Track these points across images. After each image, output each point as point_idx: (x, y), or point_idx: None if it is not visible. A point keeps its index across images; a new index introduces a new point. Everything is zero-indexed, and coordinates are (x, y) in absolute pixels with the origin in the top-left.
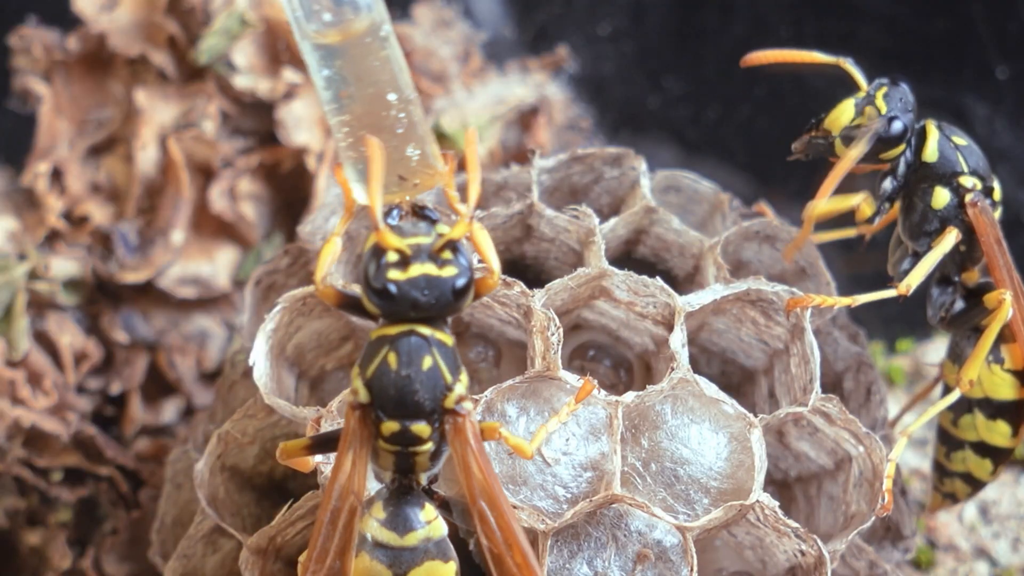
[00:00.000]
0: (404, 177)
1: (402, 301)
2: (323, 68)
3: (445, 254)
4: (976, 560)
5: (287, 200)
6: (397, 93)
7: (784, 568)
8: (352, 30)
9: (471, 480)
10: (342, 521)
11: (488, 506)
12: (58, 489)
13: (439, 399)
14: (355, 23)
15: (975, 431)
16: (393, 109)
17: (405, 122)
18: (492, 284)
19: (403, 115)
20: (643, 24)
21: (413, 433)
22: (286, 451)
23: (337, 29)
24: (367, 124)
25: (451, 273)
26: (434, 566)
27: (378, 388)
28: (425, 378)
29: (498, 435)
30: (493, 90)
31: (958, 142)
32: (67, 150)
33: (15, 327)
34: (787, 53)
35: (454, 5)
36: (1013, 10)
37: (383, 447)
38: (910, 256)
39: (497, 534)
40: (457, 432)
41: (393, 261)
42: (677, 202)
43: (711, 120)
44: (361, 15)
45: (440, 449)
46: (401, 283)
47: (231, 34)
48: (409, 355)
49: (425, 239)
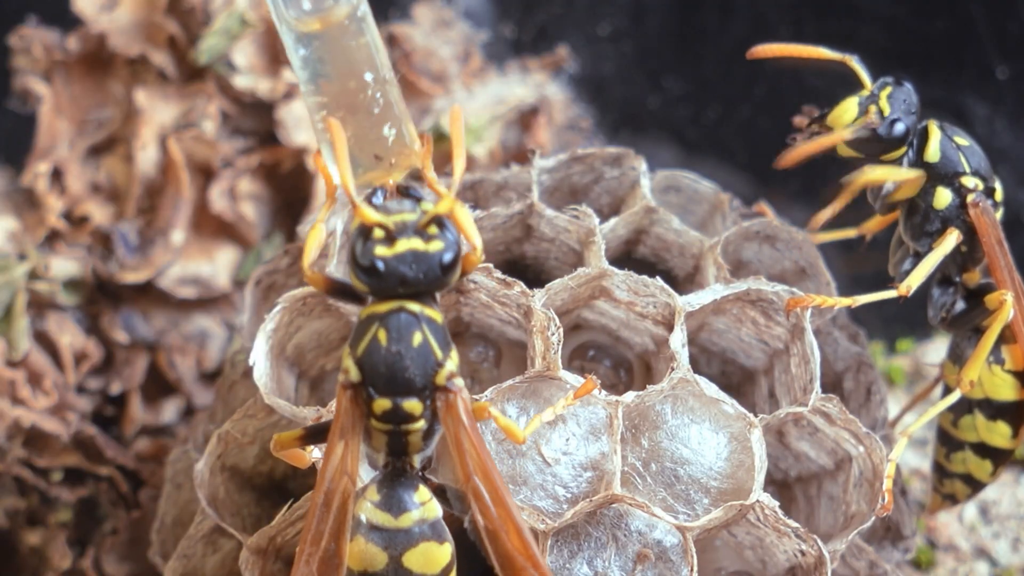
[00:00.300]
0: (379, 156)
1: (390, 277)
2: (299, 48)
3: (431, 229)
4: (976, 560)
5: (287, 200)
6: (373, 73)
7: (784, 568)
8: (332, 18)
9: (464, 457)
10: (336, 502)
11: (482, 481)
12: (58, 489)
13: (430, 375)
14: (335, 11)
15: (975, 432)
16: (369, 89)
17: (381, 102)
18: (476, 260)
19: (379, 95)
20: (643, 24)
21: (405, 411)
22: (280, 442)
23: (317, 17)
24: (343, 104)
25: (438, 247)
26: (429, 547)
27: (369, 366)
28: (416, 354)
29: (487, 414)
30: (493, 90)
31: (960, 142)
32: (67, 150)
33: (15, 327)
34: (794, 48)
35: (454, 5)
36: (1013, 10)
37: (375, 426)
38: (911, 257)
39: (492, 510)
40: (449, 408)
41: (380, 238)
42: (677, 202)
43: (711, 120)
44: (341, 2)
45: (433, 428)
46: (388, 259)
47: (231, 34)
48: (399, 331)
49: (410, 216)
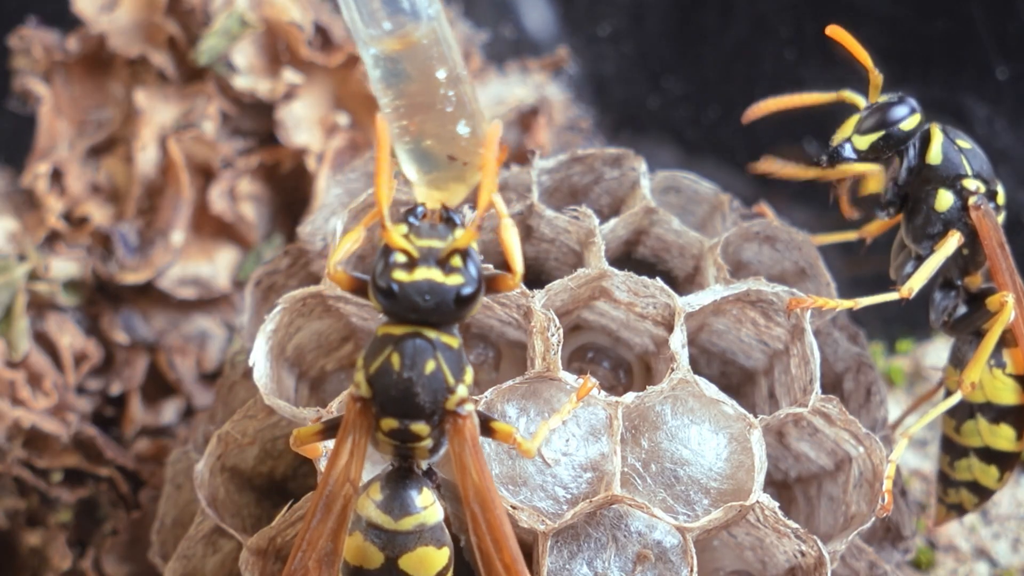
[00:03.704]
0: (453, 157)
1: (403, 302)
2: (370, 49)
3: (454, 261)
4: (976, 561)
5: (287, 201)
6: (447, 71)
7: (784, 568)
8: (411, 38)
9: (466, 480)
10: (337, 507)
11: (481, 509)
12: (58, 490)
13: (440, 402)
14: (414, 30)
15: (979, 436)
16: (442, 87)
17: (454, 100)
18: (512, 285)
19: (452, 93)
20: (643, 25)
21: (412, 432)
22: (299, 438)
23: (396, 37)
24: (417, 103)
25: (456, 281)
26: (427, 552)
27: (379, 387)
28: (427, 381)
29: (512, 440)
30: (493, 90)
31: (962, 145)
32: (67, 151)
33: (15, 328)
34: (788, 99)
35: (454, 5)
36: (1013, 10)
37: (382, 439)
38: (913, 260)
39: (487, 536)
40: (457, 432)
41: (401, 262)
42: (677, 203)
43: (711, 120)
44: (421, 21)
45: (439, 443)
46: (404, 284)
47: (231, 35)
48: (412, 358)
49: (439, 243)
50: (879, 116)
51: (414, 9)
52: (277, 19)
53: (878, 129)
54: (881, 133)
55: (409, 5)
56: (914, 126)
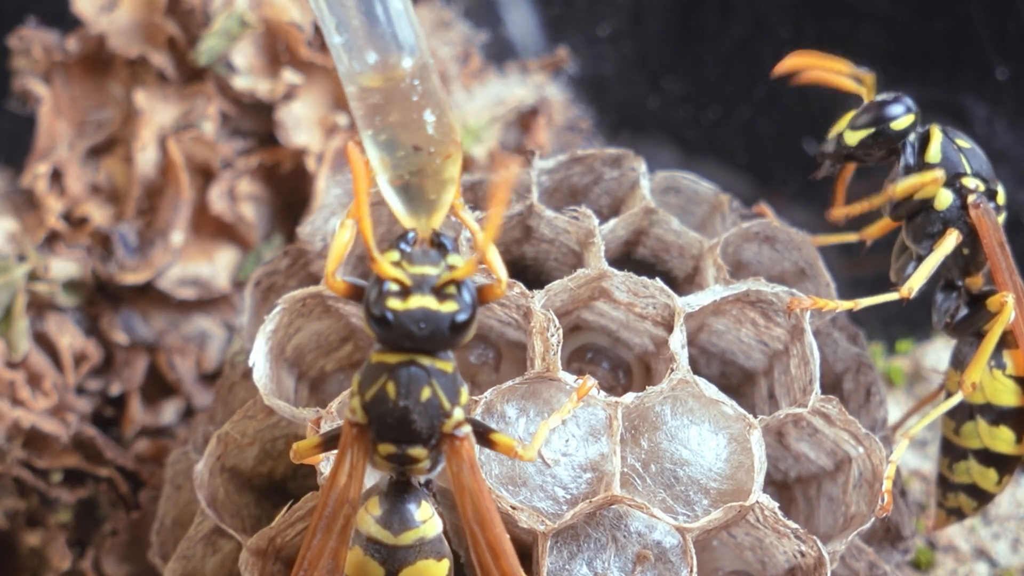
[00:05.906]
0: (419, 147)
1: (397, 331)
2: (335, 35)
3: (449, 288)
4: (976, 561)
5: (287, 201)
6: (412, 58)
7: (784, 569)
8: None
9: (465, 499)
10: (337, 526)
11: (480, 528)
12: (58, 490)
13: (436, 426)
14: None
15: (978, 438)
16: (408, 77)
17: (420, 89)
18: (498, 293)
19: (417, 81)
20: (643, 25)
21: (409, 456)
22: (298, 452)
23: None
24: (381, 90)
25: (451, 309)
26: (427, 564)
27: (375, 415)
28: (423, 408)
29: (514, 453)
30: (492, 91)
31: (961, 144)
32: (67, 151)
33: (15, 328)
34: (817, 60)
35: (454, 5)
36: (1013, 10)
37: (380, 461)
38: (913, 261)
39: (487, 554)
40: (454, 453)
41: (395, 290)
42: (677, 203)
43: (711, 121)
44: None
45: (437, 461)
46: (399, 313)
47: (231, 35)
48: (408, 387)
49: (432, 270)
50: (872, 113)
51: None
52: (277, 19)
53: (869, 126)
54: (872, 130)
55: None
56: (907, 126)
